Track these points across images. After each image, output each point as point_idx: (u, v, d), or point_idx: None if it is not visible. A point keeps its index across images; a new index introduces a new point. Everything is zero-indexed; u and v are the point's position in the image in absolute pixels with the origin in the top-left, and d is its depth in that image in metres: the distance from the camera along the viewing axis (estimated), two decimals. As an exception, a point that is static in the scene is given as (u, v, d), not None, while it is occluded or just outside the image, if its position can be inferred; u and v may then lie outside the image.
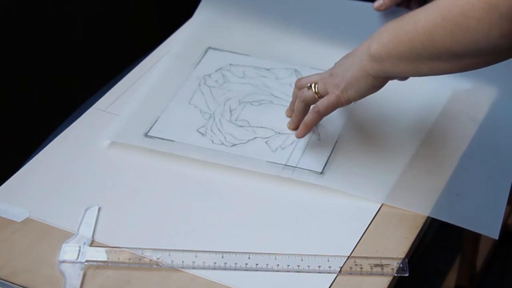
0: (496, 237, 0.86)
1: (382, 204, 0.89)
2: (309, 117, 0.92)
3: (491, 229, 0.87)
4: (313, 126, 0.93)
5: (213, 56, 1.10)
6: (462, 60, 0.79)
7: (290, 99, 1.00)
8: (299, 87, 0.95)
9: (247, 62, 1.09)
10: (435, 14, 0.77)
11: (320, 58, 1.08)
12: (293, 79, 1.04)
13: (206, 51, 1.11)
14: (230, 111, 1.01)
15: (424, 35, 0.78)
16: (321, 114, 0.91)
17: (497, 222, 0.87)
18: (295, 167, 0.93)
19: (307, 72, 1.03)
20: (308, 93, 0.93)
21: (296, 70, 1.07)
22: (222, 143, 0.96)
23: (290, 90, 1.01)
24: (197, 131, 0.98)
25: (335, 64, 0.91)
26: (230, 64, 1.08)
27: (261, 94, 1.04)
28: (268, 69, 1.07)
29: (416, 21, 0.79)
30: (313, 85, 0.92)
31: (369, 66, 0.85)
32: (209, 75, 1.07)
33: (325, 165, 0.93)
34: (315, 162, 0.94)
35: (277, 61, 1.09)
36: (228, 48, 1.11)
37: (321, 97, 0.92)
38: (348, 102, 0.89)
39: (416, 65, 0.81)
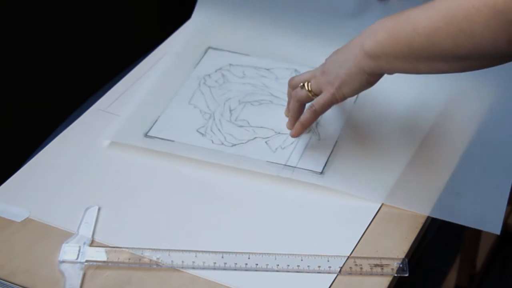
0: (498, 232, 0.85)
1: (382, 204, 0.89)
2: (305, 116, 0.92)
3: (493, 225, 0.87)
4: (309, 125, 0.93)
5: (213, 56, 1.10)
6: (463, 62, 0.78)
7: (290, 99, 1.00)
8: (292, 86, 0.95)
9: (247, 62, 1.09)
10: (437, 17, 0.75)
11: (320, 58, 1.08)
12: (293, 79, 1.04)
13: (206, 51, 1.11)
14: (230, 111, 1.01)
15: (424, 37, 0.77)
16: (318, 113, 0.91)
17: (498, 218, 0.87)
18: (295, 167, 0.93)
19: (307, 72, 1.04)
20: (302, 92, 0.92)
21: (296, 70, 1.07)
22: (222, 143, 0.96)
23: (290, 90, 1.02)
24: (197, 131, 0.98)
25: (326, 60, 0.90)
26: (230, 64, 1.08)
27: (261, 94, 1.04)
28: (268, 69, 1.07)
29: (415, 22, 0.77)
30: (306, 84, 0.91)
31: (364, 63, 0.84)
32: (209, 75, 1.07)
33: (325, 165, 0.93)
34: (315, 162, 0.94)
35: (277, 61, 1.09)
36: (228, 48, 1.11)
37: (315, 95, 0.91)
38: (344, 99, 0.89)
39: (414, 64, 0.80)
